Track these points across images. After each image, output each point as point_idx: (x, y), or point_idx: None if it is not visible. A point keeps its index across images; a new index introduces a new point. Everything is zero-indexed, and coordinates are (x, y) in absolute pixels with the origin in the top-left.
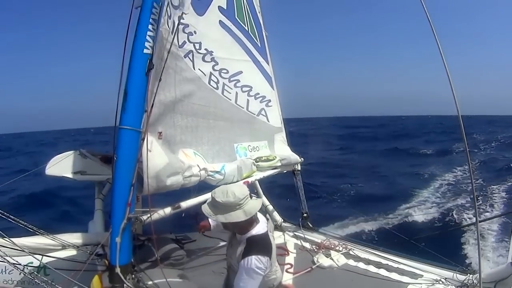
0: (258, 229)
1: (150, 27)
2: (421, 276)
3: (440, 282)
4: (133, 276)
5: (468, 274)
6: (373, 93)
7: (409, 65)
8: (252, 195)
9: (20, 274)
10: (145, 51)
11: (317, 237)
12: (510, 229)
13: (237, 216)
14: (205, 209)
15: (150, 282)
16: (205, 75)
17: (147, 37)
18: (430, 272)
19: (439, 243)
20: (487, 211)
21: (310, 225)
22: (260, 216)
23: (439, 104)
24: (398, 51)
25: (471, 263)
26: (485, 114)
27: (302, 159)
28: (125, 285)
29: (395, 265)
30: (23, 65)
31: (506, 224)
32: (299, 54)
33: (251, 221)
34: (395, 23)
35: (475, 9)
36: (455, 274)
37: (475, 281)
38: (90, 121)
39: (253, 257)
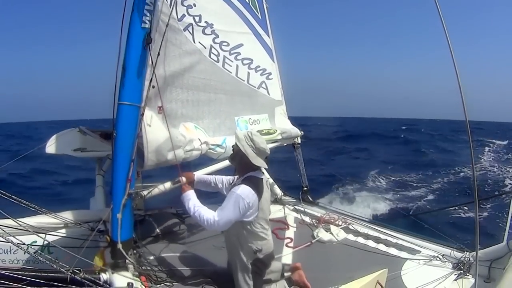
0: (256, 173)
1: (147, 1)
2: (419, 252)
3: (437, 258)
4: (134, 251)
5: (465, 252)
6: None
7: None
8: None
9: (24, 253)
10: (143, 25)
11: (317, 211)
12: (507, 208)
13: (248, 151)
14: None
15: (151, 257)
16: (205, 48)
17: (145, 11)
18: (427, 249)
19: (438, 220)
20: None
21: (310, 199)
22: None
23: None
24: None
25: (468, 241)
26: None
27: (302, 132)
28: (127, 260)
29: (394, 241)
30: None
31: (504, 204)
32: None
33: (252, 167)
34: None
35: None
36: (452, 251)
37: (471, 259)
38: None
39: (242, 185)
